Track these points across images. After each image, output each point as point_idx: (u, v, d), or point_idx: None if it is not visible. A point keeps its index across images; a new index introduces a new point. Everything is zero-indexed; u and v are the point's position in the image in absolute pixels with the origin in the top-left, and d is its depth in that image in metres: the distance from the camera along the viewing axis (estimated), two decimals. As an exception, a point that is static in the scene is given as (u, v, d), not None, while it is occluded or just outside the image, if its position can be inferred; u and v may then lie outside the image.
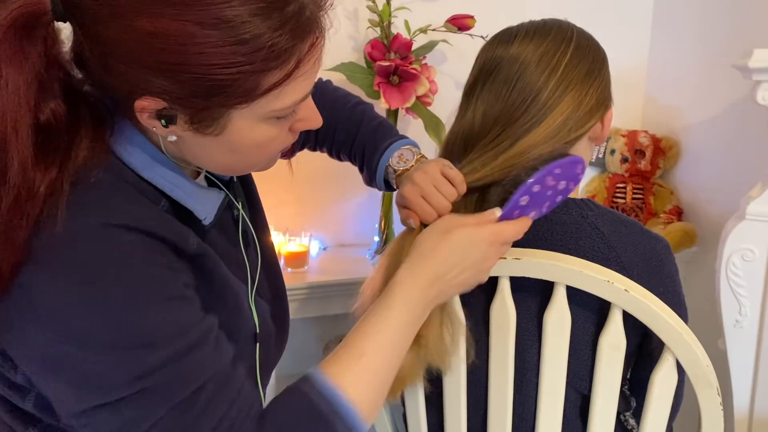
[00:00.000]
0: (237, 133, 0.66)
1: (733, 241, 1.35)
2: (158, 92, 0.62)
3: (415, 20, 1.61)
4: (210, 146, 0.68)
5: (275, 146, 0.72)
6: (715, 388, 0.86)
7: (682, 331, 0.83)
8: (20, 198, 0.59)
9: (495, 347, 0.90)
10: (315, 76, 0.69)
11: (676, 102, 1.92)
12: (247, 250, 0.83)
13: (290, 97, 0.66)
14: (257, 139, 0.68)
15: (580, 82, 0.89)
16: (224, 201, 0.76)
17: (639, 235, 0.89)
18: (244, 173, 0.78)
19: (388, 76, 1.52)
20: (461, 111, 0.94)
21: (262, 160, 0.73)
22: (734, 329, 1.39)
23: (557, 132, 0.88)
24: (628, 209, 1.89)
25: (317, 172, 1.73)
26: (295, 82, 0.65)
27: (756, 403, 1.42)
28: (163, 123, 0.64)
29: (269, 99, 0.64)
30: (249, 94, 0.63)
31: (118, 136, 0.68)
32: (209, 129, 0.65)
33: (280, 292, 0.90)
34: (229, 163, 0.71)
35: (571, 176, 0.82)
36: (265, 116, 0.66)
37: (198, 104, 0.63)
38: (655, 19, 1.97)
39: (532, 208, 0.81)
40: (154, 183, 0.69)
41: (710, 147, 1.80)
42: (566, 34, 0.92)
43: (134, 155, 0.68)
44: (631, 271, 0.87)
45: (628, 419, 0.98)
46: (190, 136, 0.66)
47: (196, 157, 0.71)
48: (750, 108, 1.47)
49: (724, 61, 1.53)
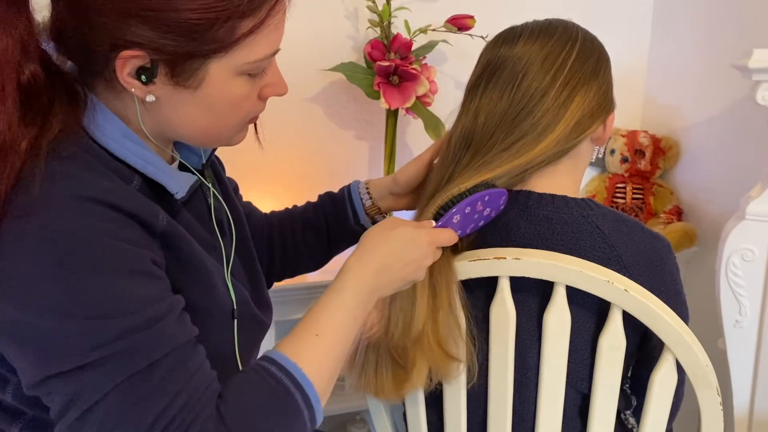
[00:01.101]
0: (214, 87, 0.70)
1: (733, 241, 1.35)
2: (139, 43, 0.65)
3: (415, 20, 1.61)
4: (187, 105, 0.71)
5: (247, 107, 0.75)
6: (715, 388, 0.86)
7: (682, 330, 0.83)
8: (5, 149, 0.62)
9: (495, 347, 0.90)
10: (281, 33, 0.74)
11: (676, 102, 1.92)
12: (223, 237, 0.85)
13: (261, 49, 0.70)
14: (232, 96, 0.71)
15: (585, 83, 0.90)
16: (196, 183, 0.79)
17: (640, 234, 0.89)
18: (218, 143, 0.79)
19: (388, 76, 1.52)
20: (464, 108, 0.94)
21: (233, 124, 0.75)
22: (734, 329, 1.39)
23: (566, 136, 0.89)
24: (628, 209, 1.89)
25: (317, 172, 1.74)
26: (265, 33, 0.69)
27: (756, 403, 1.42)
28: (143, 79, 0.67)
29: (243, 49, 0.69)
30: (225, 40, 0.67)
31: (91, 115, 0.70)
32: (188, 81, 0.68)
33: (257, 277, 0.93)
34: (204, 125, 0.73)
35: (495, 205, 0.89)
36: (239, 69, 0.70)
37: (178, 51, 0.66)
38: (655, 19, 1.97)
39: (458, 227, 0.87)
40: (126, 161, 0.71)
41: (710, 147, 1.80)
42: (571, 34, 0.92)
43: (108, 133, 0.70)
44: (632, 271, 0.86)
45: (628, 418, 0.98)
46: (168, 95, 0.70)
47: (172, 122, 0.73)
48: (750, 108, 1.47)
49: (724, 61, 1.53)
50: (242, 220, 0.94)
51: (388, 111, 1.60)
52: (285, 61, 1.71)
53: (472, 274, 0.88)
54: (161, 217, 0.70)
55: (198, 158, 0.87)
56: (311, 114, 1.68)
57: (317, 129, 1.70)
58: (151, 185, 0.74)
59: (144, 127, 0.73)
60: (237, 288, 0.83)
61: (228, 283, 0.81)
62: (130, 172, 0.72)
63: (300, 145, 1.68)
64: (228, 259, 0.84)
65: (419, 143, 1.78)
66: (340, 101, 1.71)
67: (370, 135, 1.76)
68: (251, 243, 0.95)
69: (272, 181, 1.63)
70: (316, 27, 1.63)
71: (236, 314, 0.81)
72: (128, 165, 0.72)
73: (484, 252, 0.88)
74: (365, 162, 1.79)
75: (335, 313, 0.75)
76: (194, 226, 0.80)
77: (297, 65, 1.65)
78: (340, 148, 1.74)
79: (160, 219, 0.69)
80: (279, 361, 0.70)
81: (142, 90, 0.69)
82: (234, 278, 0.84)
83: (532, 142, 0.88)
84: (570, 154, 0.92)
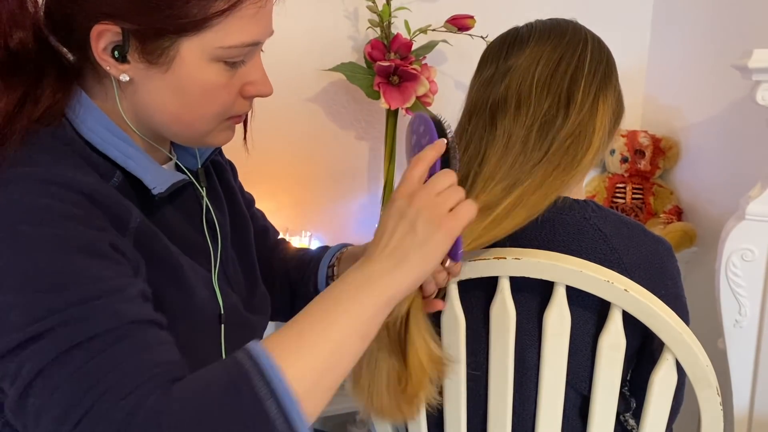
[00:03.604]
0: (185, 68, 0.69)
1: (733, 241, 1.35)
2: (112, 14, 0.66)
3: (415, 20, 1.61)
4: (159, 87, 0.70)
5: (222, 99, 0.73)
6: (715, 388, 0.86)
7: (682, 330, 0.83)
8: None
9: (495, 348, 0.90)
10: (263, 26, 0.72)
11: (675, 102, 1.92)
12: (213, 239, 0.84)
13: (237, 35, 0.69)
14: (204, 81, 0.70)
15: (605, 87, 0.90)
16: (182, 182, 0.77)
17: (641, 236, 0.89)
18: (194, 136, 0.76)
19: (388, 76, 1.52)
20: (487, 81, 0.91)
21: (207, 115, 0.74)
22: (734, 329, 1.39)
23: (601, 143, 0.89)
24: (628, 209, 1.89)
25: (317, 172, 1.74)
26: (241, 19, 0.69)
27: (756, 403, 1.42)
28: (116, 56, 0.68)
29: (217, 32, 0.68)
30: (195, 18, 0.67)
31: (75, 106, 0.71)
32: (160, 59, 0.68)
33: (255, 282, 0.92)
34: (175, 111, 0.72)
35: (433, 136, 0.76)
36: (212, 54, 0.69)
37: (149, 24, 0.66)
38: (655, 19, 1.97)
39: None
40: (107, 153, 0.72)
41: (710, 147, 1.80)
42: (581, 35, 0.91)
43: (89, 125, 0.71)
44: (633, 274, 0.86)
45: (628, 419, 0.98)
46: (142, 76, 0.70)
47: (146, 106, 0.73)
48: (750, 108, 1.47)
49: (724, 61, 1.53)
50: (244, 226, 0.93)
51: (388, 111, 1.60)
52: (285, 61, 1.72)
53: (472, 275, 0.88)
54: (134, 215, 0.69)
55: (195, 160, 0.86)
56: (311, 114, 1.68)
57: (317, 129, 1.70)
58: (132, 182, 0.74)
59: (124, 115, 0.73)
60: (225, 292, 0.81)
61: (215, 287, 0.79)
62: (111, 168, 0.72)
63: (300, 145, 1.68)
64: (216, 262, 0.83)
65: (419, 143, 1.78)
66: (340, 101, 1.71)
67: (370, 135, 1.77)
68: (253, 248, 0.94)
69: (272, 181, 1.63)
70: (316, 27, 1.64)
71: (223, 319, 0.78)
72: (109, 159, 0.72)
73: (484, 252, 0.88)
74: (365, 162, 1.79)
75: (337, 318, 0.66)
76: (179, 225, 0.79)
77: (297, 65, 1.65)
78: (340, 148, 1.75)
79: (133, 217, 0.68)
80: (246, 347, 0.62)
81: (116, 68, 0.69)
82: (227, 283, 0.83)
83: (579, 159, 0.87)
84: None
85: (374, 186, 1.79)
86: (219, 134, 0.77)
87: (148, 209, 0.74)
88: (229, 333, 0.79)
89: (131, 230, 0.68)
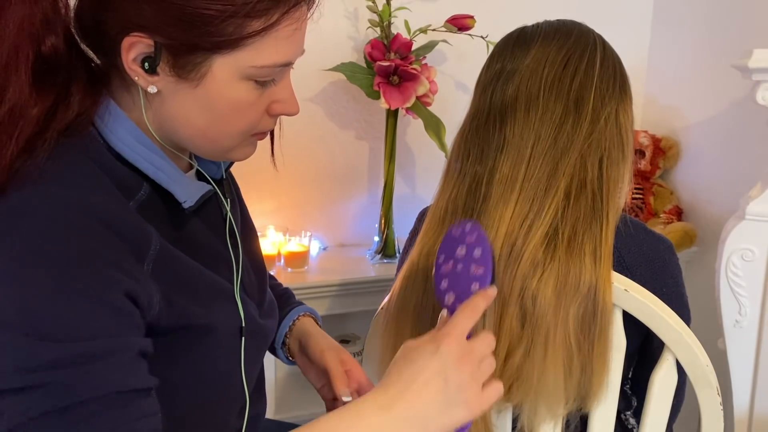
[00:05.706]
0: (216, 85, 0.68)
1: (733, 241, 1.35)
2: (146, 26, 0.65)
3: (415, 20, 1.61)
4: (187, 101, 0.69)
5: (250, 117, 0.72)
6: (715, 388, 0.86)
7: (682, 330, 0.83)
8: (14, 113, 0.62)
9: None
10: (297, 46, 0.73)
11: (676, 102, 1.92)
12: (234, 249, 0.82)
13: (270, 55, 0.69)
14: (234, 99, 0.70)
15: (620, 98, 0.90)
16: (209, 193, 0.76)
17: (642, 235, 0.89)
18: (218, 151, 0.76)
19: (388, 76, 1.52)
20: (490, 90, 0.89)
21: (234, 131, 0.73)
22: (734, 329, 1.39)
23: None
24: (628, 209, 1.88)
25: (317, 172, 1.74)
26: (276, 39, 0.68)
27: (756, 403, 1.42)
28: (146, 68, 0.67)
29: (250, 51, 0.67)
30: (231, 37, 0.66)
31: (104, 115, 0.70)
32: (190, 74, 0.67)
33: (266, 288, 0.91)
34: (202, 126, 0.71)
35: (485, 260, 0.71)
36: (244, 72, 0.68)
37: (183, 40, 0.65)
38: (655, 19, 1.98)
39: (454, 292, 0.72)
40: (137, 165, 0.70)
41: (710, 147, 1.80)
42: (589, 38, 0.90)
43: (120, 135, 0.70)
44: (634, 272, 0.86)
45: (628, 418, 0.98)
46: (170, 89, 0.68)
47: (172, 120, 0.71)
48: (750, 108, 1.47)
49: (724, 61, 1.53)
50: (251, 230, 0.92)
51: (388, 111, 1.60)
52: (285, 61, 1.70)
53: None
54: (154, 241, 0.67)
55: (217, 168, 0.84)
56: (311, 114, 1.68)
57: (317, 129, 1.70)
58: (161, 193, 0.72)
59: (149, 125, 0.72)
60: (245, 302, 0.79)
61: (237, 299, 0.78)
62: (139, 180, 0.70)
63: (300, 145, 1.68)
64: (238, 273, 0.81)
65: (419, 143, 1.78)
66: (340, 101, 1.71)
67: (370, 135, 1.77)
68: (261, 252, 0.93)
69: (272, 181, 1.63)
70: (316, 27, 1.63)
71: (244, 332, 0.77)
72: (138, 171, 0.70)
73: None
74: (365, 162, 1.79)
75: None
76: (203, 236, 0.77)
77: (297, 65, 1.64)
78: (340, 148, 1.75)
79: (153, 244, 0.67)
80: None
81: (145, 79, 0.68)
82: (245, 292, 0.81)
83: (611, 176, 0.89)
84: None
85: (374, 186, 1.79)
86: (242, 150, 0.76)
87: (175, 222, 0.72)
88: (247, 342, 0.78)
89: (151, 256, 0.66)
